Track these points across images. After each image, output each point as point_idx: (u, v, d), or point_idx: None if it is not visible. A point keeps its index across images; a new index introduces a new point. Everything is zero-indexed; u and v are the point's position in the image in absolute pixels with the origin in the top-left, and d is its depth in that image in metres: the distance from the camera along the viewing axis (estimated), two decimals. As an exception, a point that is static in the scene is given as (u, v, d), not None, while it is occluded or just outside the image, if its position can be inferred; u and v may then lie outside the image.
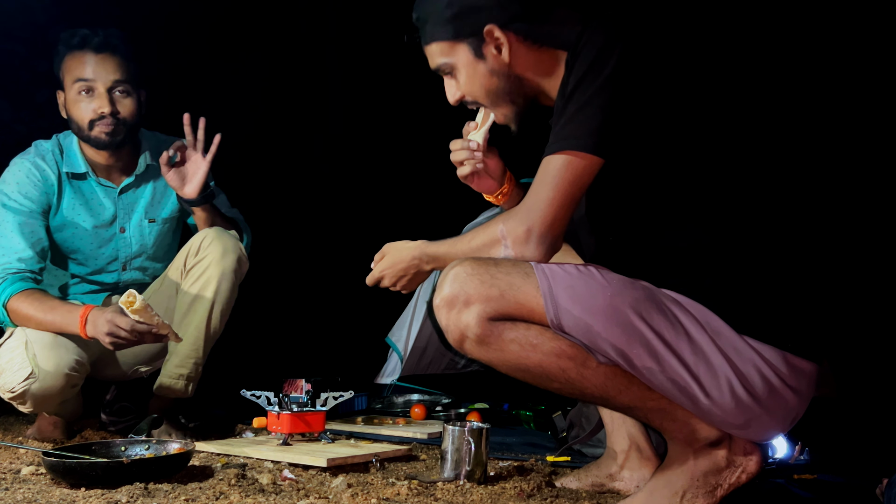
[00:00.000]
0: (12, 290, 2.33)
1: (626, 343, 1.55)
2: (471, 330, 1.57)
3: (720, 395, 1.58)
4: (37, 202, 2.45)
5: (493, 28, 1.72)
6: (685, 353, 1.57)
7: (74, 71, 2.47)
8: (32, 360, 2.28)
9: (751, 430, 1.63)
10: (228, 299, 2.46)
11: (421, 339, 2.97)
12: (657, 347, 1.56)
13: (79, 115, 2.48)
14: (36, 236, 2.42)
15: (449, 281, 1.59)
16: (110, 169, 2.58)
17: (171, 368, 2.44)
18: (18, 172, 2.47)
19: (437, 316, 1.61)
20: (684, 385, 1.57)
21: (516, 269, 1.59)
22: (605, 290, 1.57)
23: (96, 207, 2.57)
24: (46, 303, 2.33)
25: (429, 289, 2.99)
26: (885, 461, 1.99)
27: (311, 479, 1.95)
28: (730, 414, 1.59)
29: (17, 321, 2.35)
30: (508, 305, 1.57)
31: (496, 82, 1.77)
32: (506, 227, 1.65)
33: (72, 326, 2.28)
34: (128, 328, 2.18)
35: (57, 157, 2.52)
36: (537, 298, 1.56)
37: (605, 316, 1.55)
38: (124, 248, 2.60)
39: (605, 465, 1.95)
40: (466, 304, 1.57)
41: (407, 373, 3.01)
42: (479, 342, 1.58)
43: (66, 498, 1.72)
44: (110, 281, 2.61)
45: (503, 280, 1.57)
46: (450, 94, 1.84)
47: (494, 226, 1.68)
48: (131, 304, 2.13)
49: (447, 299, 1.59)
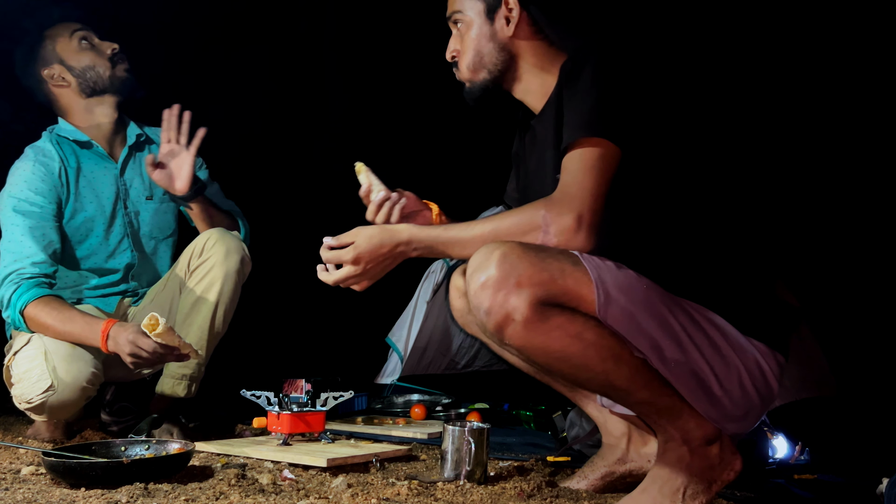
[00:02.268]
0: (29, 296, 2.32)
1: (661, 335, 1.60)
2: (519, 312, 1.52)
3: (731, 387, 1.65)
4: (48, 197, 2.46)
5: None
6: (704, 347, 1.63)
7: (67, 28, 2.54)
8: (53, 373, 2.28)
9: (746, 421, 1.71)
10: (232, 300, 2.47)
11: (421, 339, 2.97)
12: (683, 340, 1.62)
13: (93, 60, 2.54)
14: (47, 239, 2.42)
15: (497, 262, 1.53)
16: (108, 139, 2.61)
17: (174, 369, 2.45)
18: (24, 172, 2.47)
19: (479, 297, 1.54)
20: (704, 377, 1.63)
21: (564, 256, 1.59)
22: (641, 283, 1.61)
23: (100, 187, 2.57)
24: (65, 312, 2.32)
25: (429, 289, 2.99)
26: (885, 461, 1.99)
27: (311, 479, 1.95)
28: (737, 405, 1.66)
29: (34, 328, 2.34)
30: (558, 291, 1.55)
31: (490, 48, 1.87)
32: (550, 215, 1.62)
33: (92, 340, 2.27)
34: (150, 350, 2.17)
35: (55, 146, 2.53)
36: (588, 286, 1.56)
37: (644, 308, 1.59)
38: (130, 224, 2.61)
39: (609, 454, 1.95)
40: (518, 286, 1.52)
41: (407, 373, 3.01)
42: (526, 326, 1.53)
43: (66, 498, 1.72)
44: (124, 262, 2.60)
45: (554, 265, 1.56)
46: (449, 47, 1.94)
47: (531, 212, 1.64)
48: (154, 327, 2.10)
49: (495, 280, 1.53)
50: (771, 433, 2.17)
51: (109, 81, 2.56)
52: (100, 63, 2.55)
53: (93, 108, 2.58)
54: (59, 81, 2.56)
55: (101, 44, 2.57)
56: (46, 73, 2.55)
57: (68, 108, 2.59)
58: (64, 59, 2.54)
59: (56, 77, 2.55)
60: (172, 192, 2.52)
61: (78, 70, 2.55)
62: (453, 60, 1.94)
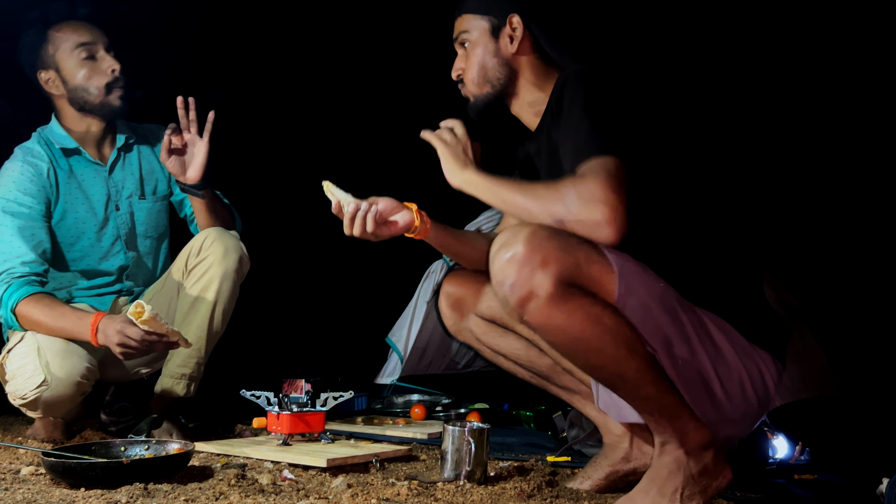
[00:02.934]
0: (20, 294, 2.32)
1: (673, 332, 1.65)
2: (543, 289, 1.56)
3: (732, 389, 1.69)
4: (36, 197, 2.45)
5: (517, 17, 1.96)
6: (709, 348, 1.68)
7: (71, 37, 2.49)
8: (45, 368, 2.28)
9: (742, 424, 1.75)
10: (230, 299, 2.47)
11: (421, 339, 2.97)
12: (692, 339, 1.67)
13: (89, 81, 2.50)
14: (37, 239, 2.42)
15: (525, 239, 1.57)
16: (97, 143, 2.59)
17: (173, 368, 2.44)
18: (13, 173, 2.46)
19: (504, 271, 1.58)
20: (707, 377, 1.68)
21: (590, 244, 1.64)
22: (658, 280, 1.68)
23: (90, 189, 2.57)
24: (56, 308, 2.32)
25: (429, 289, 2.99)
26: (885, 461, 1.99)
27: (311, 480, 1.95)
28: (735, 408, 1.70)
29: (27, 326, 2.34)
30: (581, 276, 1.60)
31: (494, 63, 1.98)
32: (579, 206, 1.62)
33: (82, 334, 2.27)
34: (138, 338, 2.17)
35: (44, 147, 2.52)
36: (610, 275, 1.62)
37: (660, 303, 1.65)
38: (122, 225, 2.60)
39: (612, 453, 1.96)
40: (544, 264, 1.56)
41: (407, 373, 3.01)
42: (549, 302, 1.57)
43: (65, 498, 1.72)
44: (117, 265, 2.60)
45: (581, 251, 1.61)
46: (455, 66, 2.05)
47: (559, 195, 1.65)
48: (140, 314, 2.11)
49: (522, 256, 1.56)
50: (771, 433, 2.16)
51: (99, 106, 2.52)
52: (94, 84, 2.50)
53: (84, 116, 2.57)
54: (53, 87, 2.55)
55: (103, 59, 2.51)
56: (43, 75, 2.54)
57: (61, 110, 2.58)
58: (61, 68, 2.51)
59: (50, 83, 2.54)
60: (183, 181, 2.52)
61: (70, 86, 2.52)
62: (458, 79, 2.05)
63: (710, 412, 1.69)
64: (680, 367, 1.65)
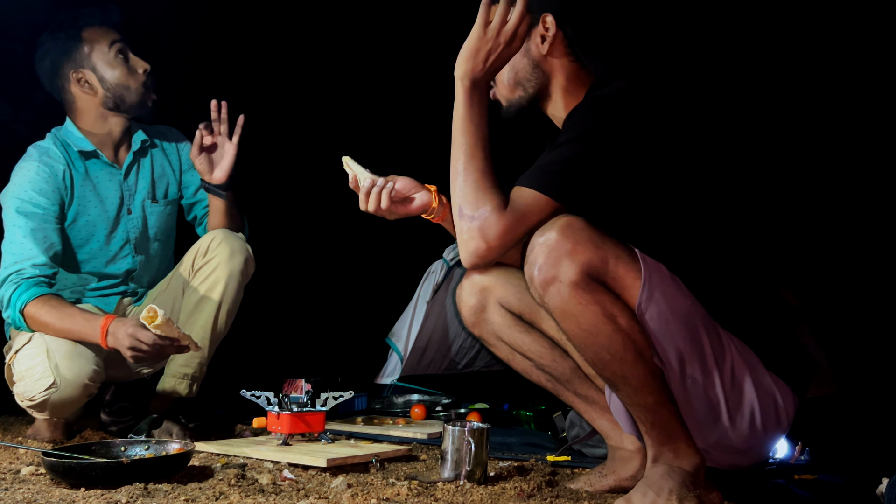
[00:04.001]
0: (29, 295, 2.32)
1: (689, 350, 1.67)
2: (567, 275, 1.62)
3: (741, 421, 1.71)
4: (51, 199, 2.45)
5: (550, 17, 1.86)
6: (725, 376, 1.69)
7: (107, 37, 2.53)
8: (55, 370, 2.28)
9: (748, 455, 1.77)
10: (235, 300, 2.47)
11: (421, 339, 2.96)
12: (709, 363, 1.68)
13: (127, 79, 2.53)
14: (49, 241, 2.42)
15: (560, 227, 1.63)
16: (114, 146, 2.61)
17: (175, 368, 2.45)
18: (28, 173, 2.46)
19: (536, 252, 1.64)
20: (715, 403, 1.70)
21: (625, 247, 1.68)
22: (687, 297, 1.69)
23: (104, 192, 2.57)
24: (64, 310, 2.33)
25: (429, 289, 2.99)
26: (885, 461, 1.99)
27: (310, 480, 1.95)
28: (742, 440, 1.72)
29: (35, 327, 2.34)
30: (607, 273, 1.64)
31: (524, 63, 1.89)
32: (474, 223, 1.72)
33: (92, 336, 2.28)
34: (150, 343, 2.18)
35: (60, 148, 2.52)
36: (636, 280, 1.65)
37: (681, 320, 1.67)
38: (133, 229, 2.61)
39: (620, 469, 1.93)
40: (573, 253, 1.62)
41: (407, 373, 3.01)
42: (570, 289, 1.62)
43: (65, 498, 1.72)
44: (124, 268, 2.60)
45: (612, 250, 1.66)
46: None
47: (480, 202, 1.73)
48: (152, 319, 2.10)
49: (555, 241, 1.63)
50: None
51: (137, 105, 2.56)
52: (133, 84, 2.54)
53: (108, 117, 2.58)
54: (86, 87, 2.55)
55: (135, 60, 2.56)
56: (75, 75, 2.54)
57: (83, 112, 2.57)
58: (97, 67, 2.53)
59: (83, 81, 2.54)
60: (209, 181, 2.57)
61: (110, 84, 2.53)
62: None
63: (709, 437, 1.71)
64: (688, 386, 1.67)
